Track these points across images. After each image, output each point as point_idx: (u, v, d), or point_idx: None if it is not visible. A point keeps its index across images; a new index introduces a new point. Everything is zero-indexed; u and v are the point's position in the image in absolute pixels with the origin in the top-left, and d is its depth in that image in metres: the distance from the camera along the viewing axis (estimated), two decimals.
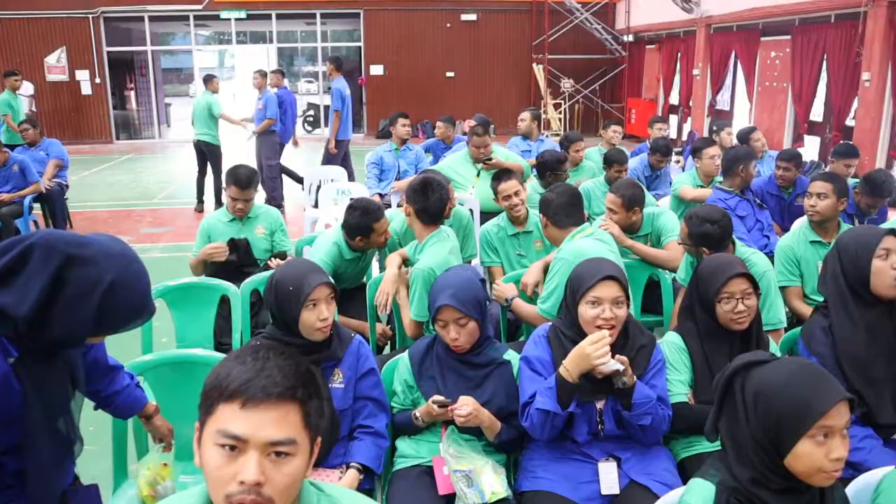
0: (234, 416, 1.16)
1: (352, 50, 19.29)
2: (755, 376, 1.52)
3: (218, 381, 1.20)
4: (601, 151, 6.78)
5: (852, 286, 2.43)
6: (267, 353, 1.23)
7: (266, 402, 1.17)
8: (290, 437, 1.18)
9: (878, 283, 2.39)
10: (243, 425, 1.16)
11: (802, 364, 1.53)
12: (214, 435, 1.17)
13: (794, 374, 1.48)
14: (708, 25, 13.60)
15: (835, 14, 10.23)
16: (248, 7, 17.38)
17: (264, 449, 1.16)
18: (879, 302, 2.41)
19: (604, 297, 2.28)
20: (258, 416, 1.16)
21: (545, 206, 3.38)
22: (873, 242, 2.39)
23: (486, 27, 18.02)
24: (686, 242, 3.33)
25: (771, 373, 1.50)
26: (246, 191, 4.04)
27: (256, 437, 1.16)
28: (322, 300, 2.32)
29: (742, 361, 1.57)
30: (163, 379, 2.60)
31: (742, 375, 1.55)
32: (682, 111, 15.16)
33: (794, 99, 11.32)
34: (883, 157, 9.51)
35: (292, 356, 1.25)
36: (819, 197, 3.72)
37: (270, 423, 1.17)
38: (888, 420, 2.35)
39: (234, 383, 1.18)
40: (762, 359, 1.56)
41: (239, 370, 1.19)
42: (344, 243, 3.70)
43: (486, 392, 2.43)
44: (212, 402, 1.19)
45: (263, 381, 1.18)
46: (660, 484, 2.23)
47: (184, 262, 6.91)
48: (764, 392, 1.48)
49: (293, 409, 1.19)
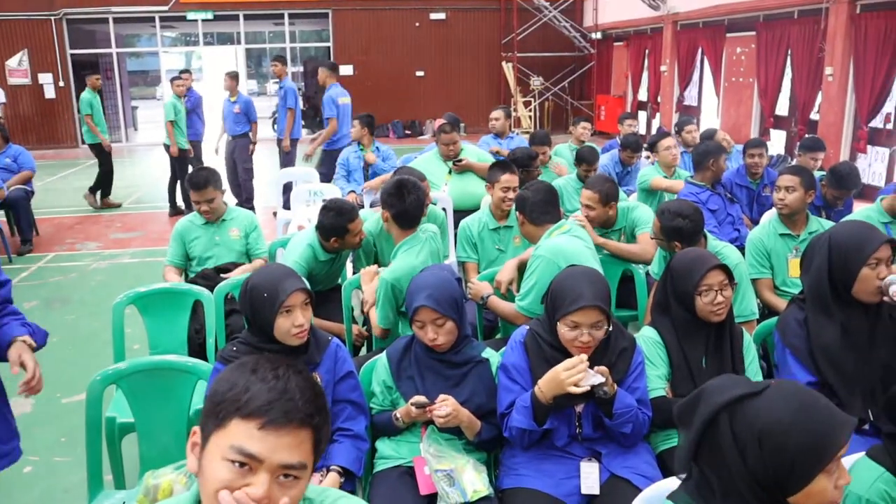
0: (251, 436, 1.14)
1: (321, 50, 19.19)
2: (751, 413, 1.36)
3: (235, 394, 1.17)
4: (571, 148, 6.84)
5: (835, 283, 2.44)
6: (287, 371, 1.21)
7: (287, 428, 1.15)
8: (303, 462, 1.18)
9: (861, 288, 2.40)
10: (260, 446, 1.14)
11: (800, 395, 1.37)
12: (226, 450, 1.15)
13: (800, 410, 1.34)
14: (675, 22, 13.74)
15: (798, 10, 10.39)
16: (214, 8, 17.21)
17: (276, 471, 1.15)
18: (857, 302, 2.44)
19: (582, 323, 2.26)
20: (276, 440, 1.15)
21: (521, 204, 3.38)
22: (868, 250, 2.37)
23: (455, 26, 18.04)
24: (659, 237, 3.36)
25: (772, 409, 1.34)
26: (203, 191, 4.03)
27: (272, 459, 1.14)
28: (297, 306, 2.29)
29: (728, 397, 1.39)
30: (137, 387, 2.56)
31: (729, 411, 1.38)
32: (651, 107, 15.30)
33: (759, 94, 11.48)
34: (847, 150, 9.68)
35: (309, 377, 1.24)
36: (787, 190, 3.77)
37: (286, 448, 1.15)
38: (858, 414, 2.38)
39: (256, 402, 1.15)
40: (749, 391, 1.39)
41: (259, 388, 1.17)
42: (318, 245, 3.67)
43: (465, 391, 2.43)
44: (225, 416, 1.16)
45: (286, 406, 1.16)
46: (640, 477, 2.24)
47: (155, 267, 6.88)
48: (771, 431, 1.33)
49: (308, 436, 1.18)
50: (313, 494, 1.36)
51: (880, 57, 8.79)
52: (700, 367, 2.51)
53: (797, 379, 2.44)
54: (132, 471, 2.65)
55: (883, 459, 1.71)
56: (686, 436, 1.45)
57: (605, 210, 3.98)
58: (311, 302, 2.37)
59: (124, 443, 2.74)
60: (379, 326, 3.21)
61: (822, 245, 2.49)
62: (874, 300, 2.39)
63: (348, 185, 6.53)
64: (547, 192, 3.40)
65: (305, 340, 2.35)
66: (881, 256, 2.37)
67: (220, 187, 4.11)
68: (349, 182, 6.60)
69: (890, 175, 9.08)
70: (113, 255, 7.68)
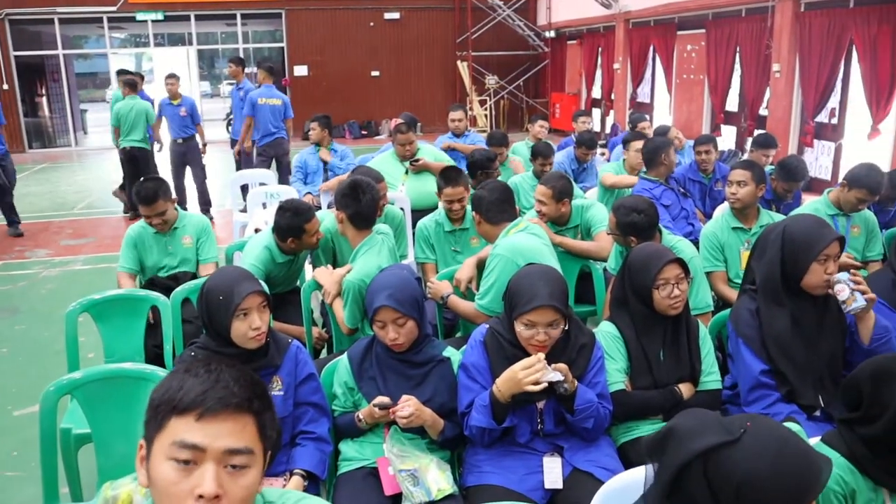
0: (190, 428, 1.13)
1: (274, 50, 18.98)
2: (728, 463, 1.30)
3: (169, 394, 1.16)
4: (529, 146, 6.88)
5: (786, 275, 2.50)
6: (219, 364, 1.21)
7: (223, 413, 1.14)
8: (248, 447, 1.16)
9: (810, 281, 2.47)
10: (201, 435, 1.13)
11: (777, 441, 1.31)
12: (167, 448, 1.14)
13: (778, 459, 1.29)
14: (626, 21, 13.93)
15: (745, 8, 10.63)
16: (165, 8, 16.90)
17: (221, 460, 1.14)
18: (806, 294, 2.50)
19: (538, 322, 2.28)
20: (215, 428, 1.14)
21: (478, 204, 3.39)
22: (819, 246, 2.44)
23: (409, 25, 18.03)
24: (614, 232, 3.41)
25: (750, 459, 1.29)
26: (153, 206, 3.87)
27: (214, 445, 1.13)
28: (254, 309, 2.27)
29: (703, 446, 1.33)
30: (93, 396, 2.50)
31: (704, 459, 1.32)
32: (605, 104, 15.49)
33: (710, 90, 11.71)
34: (794, 144, 9.93)
35: (243, 368, 1.23)
36: (739, 185, 3.86)
37: (228, 434, 1.14)
38: (810, 401, 2.46)
39: (189, 395, 1.15)
40: (724, 439, 1.32)
41: (192, 382, 1.16)
42: (275, 247, 3.64)
43: (427, 390, 2.44)
44: (163, 417, 1.16)
45: (220, 393, 1.15)
46: (602, 469, 2.27)
47: (108, 274, 6.74)
48: (751, 483, 1.28)
49: (249, 420, 1.17)
50: (274, 497, 1.34)
51: (824, 54, 9.03)
52: (658, 360, 2.56)
53: (750, 367, 2.50)
54: (90, 483, 2.60)
55: (838, 445, 1.76)
56: (657, 476, 1.41)
57: (557, 206, 4.01)
58: (269, 304, 2.35)
59: (81, 454, 2.68)
60: (347, 326, 3.20)
61: (775, 237, 2.55)
62: (821, 293, 2.47)
63: (305, 187, 6.50)
64: (503, 191, 3.42)
65: (264, 343, 2.33)
66: (830, 253, 2.44)
67: (169, 197, 3.96)
68: (306, 184, 6.56)
69: (836, 168, 9.34)
70: (64, 262, 7.50)
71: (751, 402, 2.51)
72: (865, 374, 1.70)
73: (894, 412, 1.61)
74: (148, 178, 4.02)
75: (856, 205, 3.92)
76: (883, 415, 1.63)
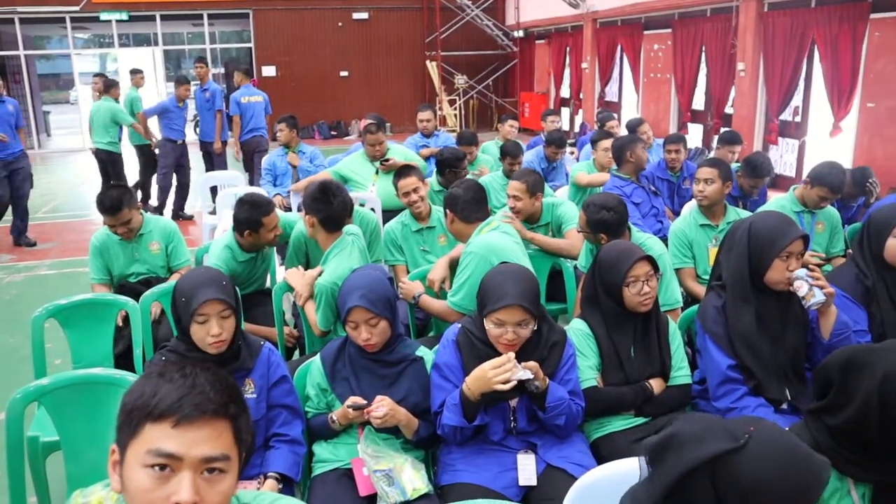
0: (167, 436, 1.12)
1: (242, 51, 18.82)
2: (735, 470, 1.30)
3: (143, 400, 1.14)
4: (498, 145, 6.91)
5: (752, 272, 2.55)
6: (194, 368, 1.19)
7: (200, 420, 1.13)
8: (225, 453, 1.15)
9: (772, 277, 2.51)
10: (177, 444, 1.12)
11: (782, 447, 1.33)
12: (143, 456, 1.12)
13: (785, 465, 1.30)
14: (594, 20, 14.04)
15: (710, 8, 10.77)
16: (129, 8, 16.65)
17: (198, 467, 1.13)
18: (770, 290, 2.55)
19: (507, 321, 2.29)
20: (192, 435, 1.12)
21: (452, 202, 3.38)
22: (782, 243, 2.48)
23: (378, 25, 17.98)
24: (585, 230, 3.45)
25: (757, 465, 1.30)
26: (117, 216, 3.75)
27: (191, 454, 1.12)
28: (213, 316, 2.23)
29: (710, 452, 1.32)
30: (62, 403, 2.46)
31: (711, 465, 1.32)
32: (574, 104, 15.59)
33: (676, 89, 11.85)
34: (759, 142, 10.09)
35: (218, 371, 1.22)
36: (706, 182, 3.92)
37: (205, 441, 1.13)
38: (775, 395, 2.51)
39: (165, 402, 1.13)
40: (731, 446, 1.32)
41: (167, 388, 1.15)
42: (235, 245, 3.62)
43: (400, 390, 2.44)
44: (137, 423, 1.14)
45: (197, 399, 1.14)
46: (575, 465, 2.30)
47: (74, 278, 6.64)
48: (759, 489, 1.29)
49: (226, 426, 1.16)
50: (249, 499, 1.34)
51: (788, 53, 9.19)
52: (629, 356, 2.59)
53: (718, 362, 2.55)
54: (59, 491, 2.56)
55: (804, 436, 1.79)
56: (656, 478, 1.40)
57: (531, 201, 4.05)
58: (235, 311, 2.30)
59: (49, 462, 2.64)
60: (319, 328, 3.19)
61: (742, 234, 2.59)
62: (783, 289, 2.52)
63: (274, 188, 6.47)
64: (478, 190, 3.43)
65: (235, 347, 2.30)
66: (793, 250, 2.49)
67: (134, 205, 3.85)
68: (276, 186, 6.53)
69: (800, 165, 9.51)
70: (28, 268, 7.36)
71: (719, 396, 2.55)
72: (836, 364, 1.73)
73: (859, 402, 1.64)
74: (111, 187, 3.91)
75: (818, 202, 4.01)
76: (849, 404, 1.67)
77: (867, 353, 1.70)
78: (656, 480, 1.40)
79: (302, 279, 3.32)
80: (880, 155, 7.97)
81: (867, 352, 1.70)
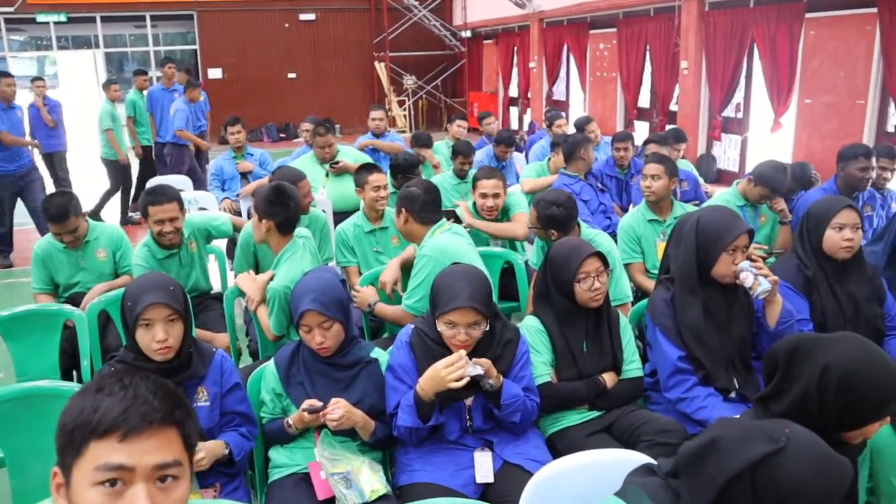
0: (114, 451, 1.08)
1: (187, 53, 18.47)
2: (776, 472, 1.33)
3: (85, 417, 1.10)
4: (448, 145, 6.93)
5: (700, 265, 2.61)
6: (133, 378, 1.16)
7: (148, 430, 1.10)
8: (177, 459, 1.13)
9: (719, 271, 2.58)
10: (126, 454, 1.09)
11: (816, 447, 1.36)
12: (91, 475, 1.08)
13: (820, 465, 1.33)
14: (541, 20, 14.19)
15: (654, 8, 10.98)
16: (68, 9, 16.20)
17: (151, 476, 1.10)
18: (716, 283, 2.62)
19: (459, 322, 2.31)
20: (141, 446, 1.10)
21: (410, 202, 3.31)
22: (728, 238, 2.55)
23: (325, 27, 17.85)
24: (536, 226, 3.49)
25: (796, 468, 1.32)
26: (63, 223, 3.64)
27: (143, 463, 1.09)
28: (158, 321, 2.19)
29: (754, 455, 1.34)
30: (5, 417, 2.38)
31: (753, 468, 1.34)
32: (522, 103, 15.72)
33: (622, 87, 12.05)
34: (703, 138, 10.33)
35: (157, 378, 1.19)
36: (653, 178, 4.00)
37: (155, 450, 1.11)
38: (723, 384, 2.58)
39: (109, 416, 1.09)
40: (773, 448, 1.34)
41: (109, 402, 1.11)
42: (152, 241, 3.58)
43: (356, 392, 2.43)
44: (81, 442, 1.10)
45: (142, 409, 1.11)
46: (532, 461, 2.32)
47: (17, 289, 6.43)
48: (797, 491, 1.31)
49: (174, 432, 1.14)
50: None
51: (728, 51, 9.43)
52: (582, 351, 2.63)
53: (668, 354, 2.60)
54: None
55: None
56: (697, 487, 1.40)
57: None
58: (184, 317, 2.26)
59: None
60: (273, 333, 3.15)
61: (690, 228, 2.66)
62: (730, 282, 2.59)
63: (223, 193, 6.35)
64: (435, 191, 3.41)
65: (179, 355, 2.25)
66: (739, 244, 2.57)
67: (80, 212, 3.74)
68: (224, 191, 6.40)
69: (743, 160, 9.76)
70: None
71: (670, 387, 2.60)
72: (783, 350, 1.78)
73: (800, 389, 1.70)
74: (56, 194, 3.79)
75: (760, 199, 4.13)
76: (790, 391, 1.72)
77: (813, 342, 1.75)
78: (698, 490, 1.40)
79: (253, 284, 3.28)
80: (818, 149, 8.23)
81: (813, 341, 1.76)
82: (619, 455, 2.06)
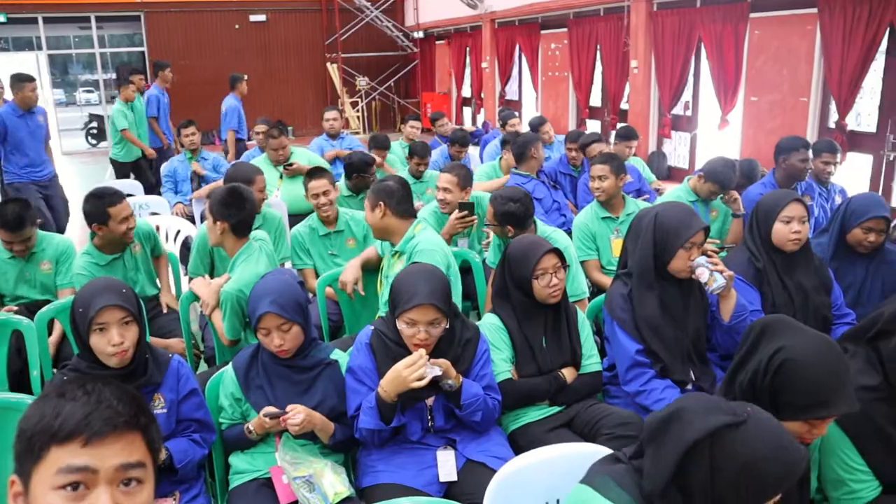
0: (76, 455, 1.06)
1: (134, 55, 18.08)
2: (735, 444, 1.38)
3: (45, 423, 1.08)
4: (403, 146, 6.94)
5: (657, 261, 2.66)
6: (95, 384, 1.13)
7: (112, 435, 1.08)
8: (140, 460, 1.11)
9: (676, 266, 2.64)
10: (88, 457, 1.06)
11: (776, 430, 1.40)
12: (52, 479, 1.06)
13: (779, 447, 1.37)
14: (492, 21, 14.26)
15: (603, 8, 11.12)
16: (7, 10, 15.72)
17: (114, 478, 1.08)
18: (673, 278, 2.67)
19: (419, 320, 2.30)
20: (104, 451, 1.07)
21: (388, 195, 3.22)
22: (686, 234, 2.61)
23: (276, 28, 17.65)
24: (493, 223, 3.51)
25: (755, 442, 1.37)
26: (19, 232, 3.52)
27: (106, 464, 1.07)
28: (113, 324, 2.15)
29: (713, 424, 1.39)
30: None
31: (712, 437, 1.39)
32: (475, 103, 15.78)
33: (574, 87, 12.18)
34: (654, 136, 10.50)
35: (120, 384, 1.17)
36: (601, 179, 4.06)
37: (118, 453, 1.08)
38: (680, 377, 2.64)
39: (70, 421, 1.07)
40: (732, 420, 1.39)
41: (71, 407, 1.08)
42: (93, 249, 3.50)
43: (316, 395, 2.41)
44: (41, 448, 1.07)
45: (105, 413, 1.08)
46: (494, 458, 2.33)
47: None
48: (755, 465, 1.36)
49: (138, 437, 1.12)
50: None
51: (676, 50, 9.61)
52: (541, 347, 2.65)
53: (626, 348, 2.65)
54: None
55: None
56: (659, 457, 1.44)
57: (461, 195, 4.09)
58: (137, 320, 2.22)
59: None
60: (227, 338, 3.10)
61: (648, 223, 2.70)
62: (686, 277, 2.65)
63: (175, 196, 6.25)
64: (408, 185, 3.38)
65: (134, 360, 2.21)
66: (695, 241, 2.63)
67: (35, 221, 3.62)
68: (177, 193, 6.31)
69: (693, 157, 9.96)
70: None
71: (629, 380, 2.65)
72: (760, 323, 1.83)
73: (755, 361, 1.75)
74: (11, 200, 3.65)
75: (710, 195, 4.23)
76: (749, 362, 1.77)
77: (782, 324, 1.81)
78: (660, 459, 1.44)
79: (208, 288, 3.22)
80: (764, 145, 8.43)
81: (784, 323, 1.81)
82: (580, 449, 2.09)
